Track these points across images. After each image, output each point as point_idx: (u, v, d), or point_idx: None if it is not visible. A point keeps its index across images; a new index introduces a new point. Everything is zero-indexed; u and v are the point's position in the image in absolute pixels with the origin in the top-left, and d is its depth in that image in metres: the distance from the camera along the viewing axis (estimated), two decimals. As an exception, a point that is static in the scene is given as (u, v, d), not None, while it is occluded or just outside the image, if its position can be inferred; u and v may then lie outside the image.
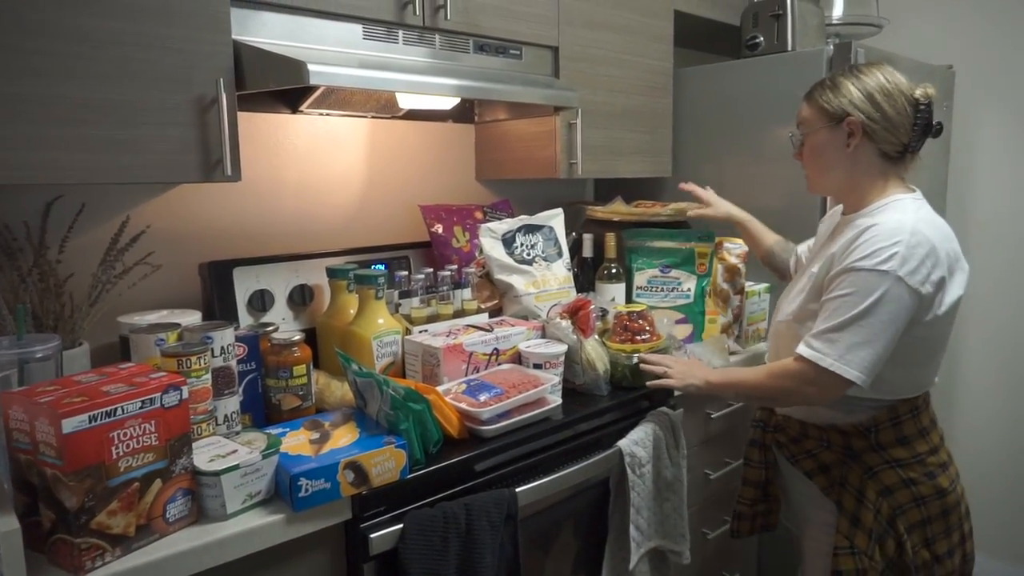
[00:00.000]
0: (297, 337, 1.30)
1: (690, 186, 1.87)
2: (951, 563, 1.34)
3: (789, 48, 2.14)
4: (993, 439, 2.51)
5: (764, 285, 2.04)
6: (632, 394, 1.57)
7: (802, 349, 1.28)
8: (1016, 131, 2.39)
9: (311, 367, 1.32)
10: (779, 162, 2.01)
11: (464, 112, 2.01)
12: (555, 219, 1.84)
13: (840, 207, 1.47)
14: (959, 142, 2.50)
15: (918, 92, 1.30)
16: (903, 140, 1.32)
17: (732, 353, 1.88)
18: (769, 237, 1.79)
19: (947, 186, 2.51)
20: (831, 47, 1.94)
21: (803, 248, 1.68)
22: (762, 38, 2.20)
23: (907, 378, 1.32)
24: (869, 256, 1.23)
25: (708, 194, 1.85)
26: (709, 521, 1.86)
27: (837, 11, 2.41)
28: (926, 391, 1.38)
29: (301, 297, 1.62)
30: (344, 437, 1.17)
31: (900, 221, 1.26)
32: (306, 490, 1.04)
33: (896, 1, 2.58)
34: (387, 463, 1.13)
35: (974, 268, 2.44)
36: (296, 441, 1.15)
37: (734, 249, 1.95)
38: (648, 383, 1.52)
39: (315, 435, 1.18)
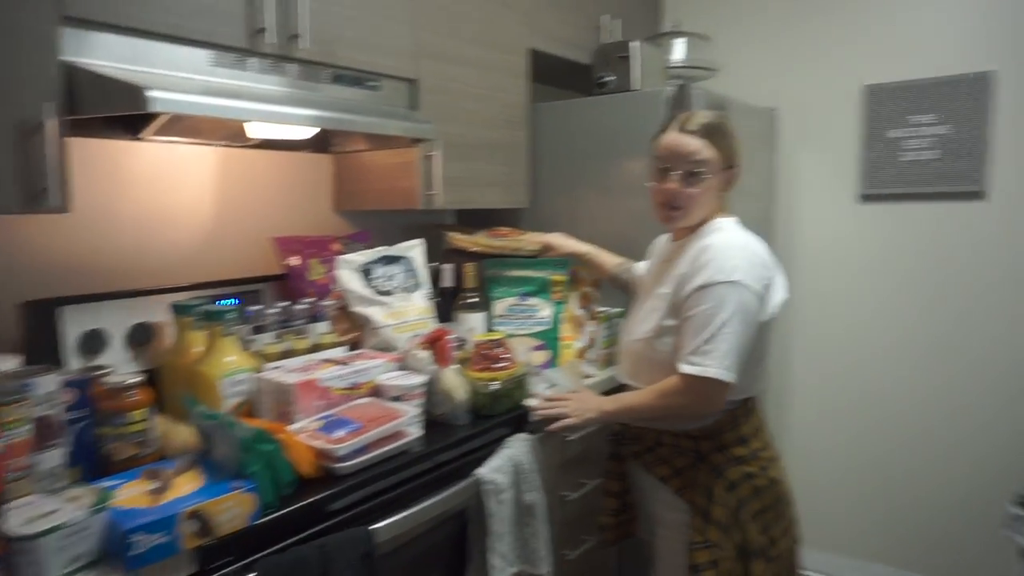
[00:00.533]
0: (134, 379, 1.21)
1: (536, 238, 2.02)
2: (784, 544, 1.49)
3: (635, 87, 2.28)
4: (820, 436, 2.75)
5: (617, 310, 2.14)
6: (491, 422, 1.59)
7: (684, 368, 1.39)
8: (829, 167, 2.67)
9: (151, 411, 1.23)
10: (625, 192, 2.13)
11: (321, 142, 1.97)
12: (414, 250, 1.84)
13: (667, 235, 1.64)
14: (783, 177, 2.76)
15: None
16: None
17: (587, 376, 1.95)
18: (610, 262, 1.94)
19: (775, 216, 2.75)
20: (671, 88, 2.08)
21: (640, 268, 1.83)
22: (611, 77, 2.32)
23: (747, 380, 1.46)
24: (717, 272, 1.38)
25: (552, 238, 2.00)
26: (568, 542, 1.91)
27: (677, 55, 2.59)
28: (755, 394, 1.53)
29: (141, 336, 1.52)
30: (187, 485, 1.10)
31: (730, 238, 1.44)
32: (140, 546, 0.97)
33: (728, 49, 2.81)
34: (235, 509, 1.08)
35: (801, 289, 2.73)
36: (132, 493, 1.07)
37: (588, 277, 2.04)
38: (548, 428, 1.57)
39: (154, 485, 1.10)
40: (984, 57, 2.35)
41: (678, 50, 2.60)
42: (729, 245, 1.42)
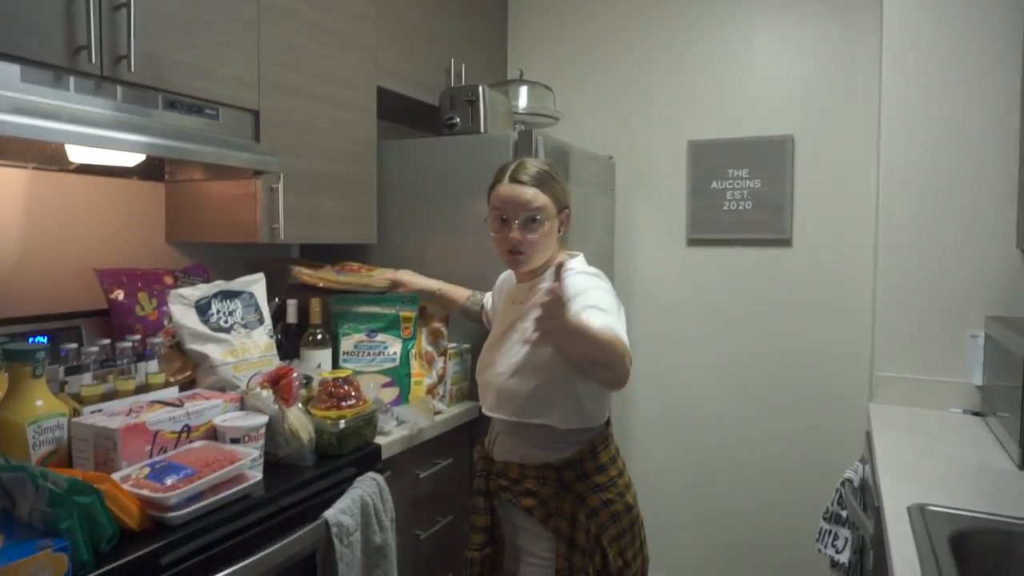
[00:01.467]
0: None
1: (385, 275, 2.03)
2: (636, 565, 1.56)
3: (482, 130, 2.36)
4: (658, 460, 2.92)
5: (466, 346, 2.17)
6: (338, 462, 1.54)
7: (614, 328, 1.35)
8: (662, 213, 2.90)
9: (-62, 465, 1.08)
10: (472, 230, 2.18)
11: (153, 170, 1.86)
12: (255, 284, 1.77)
13: (510, 273, 1.73)
14: (621, 220, 2.95)
15: None
16: None
17: (437, 413, 1.95)
18: (460, 296, 2.00)
19: (613, 256, 2.93)
20: (516, 133, 2.18)
21: (487, 300, 1.92)
22: (458, 119, 2.38)
23: (599, 407, 1.55)
24: (581, 274, 1.50)
25: (402, 275, 2.03)
26: (420, 583, 1.87)
27: (522, 102, 2.72)
28: (610, 425, 1.62)
29: (-73, 379, 1.33)
30: (-17, 546, 0.97)
31: (575, 272, 1.54)
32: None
33: (569, 98, 2.99)
34: (42, 573, 0.96)
35: (637, 325, 2.91)
36: (-89, 560, 0.93)
37: (437, 313, 2.05)
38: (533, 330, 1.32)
39: (-60, 549, 0.96)
40: (785, 122, 2.68)
41: (522, 97, 2.72)
42: (578, 277, 1.52)
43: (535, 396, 1.51)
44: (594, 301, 1.42)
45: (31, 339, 1.53)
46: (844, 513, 1.96)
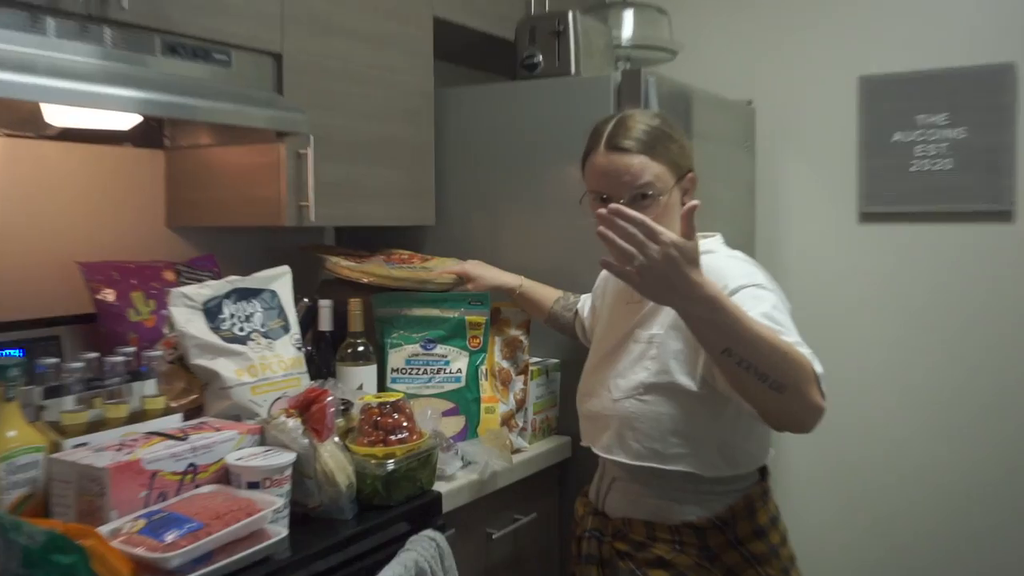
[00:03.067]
0: None
1: (448, 268, 2.04)
2: None
3: (573, 71, 2.33)
4: (821, 531, 2.82)
5: (554, 361, 2.15)
6: (386, 515, 1.55)
7: (802, 350, 1.29)
8: (820, 177, 2.79)
9: None
10: (562, 206, 2.15)
11: (149, 133, 1.93)
12: (279, 281, 1.80)
13: None
14: (764, 188, 2.87)
15: None
16: None
17: (516, 451, 1.95)
18: (547, 297, 2.00)
19: (754, 238, 2.85)
20: (619, 74, 2.14)
21: (584, 305, 1.91)
22: (541, 57, 2.37)
23: (760, 446, 1.53)
24: (732, 281, 1.42)
25: (470, 267, 2.03)
26: (495, 678, 1.87)
27: (626, 32, 2.68)
28: (768, 475, 1.59)
29: None
30: (-58, 616, 1.02)
31: (722, 259, 1.53)
32: None
33: (691, 26, 2.93)
34: (14, 649, 1.00)
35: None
36: None
37: (515, 317, 2.04)
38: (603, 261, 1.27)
39: None
40: (1005, 45, 2.54)
41: (627, 25, 2.68)
42: (726, 262, 1.51)
43: (670, 429, 1.48)
44: (767, 310, 1.36)
45: (0, 352, 1.60)
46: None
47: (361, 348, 1.91)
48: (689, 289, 1.19)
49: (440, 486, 1.71)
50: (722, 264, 1.50)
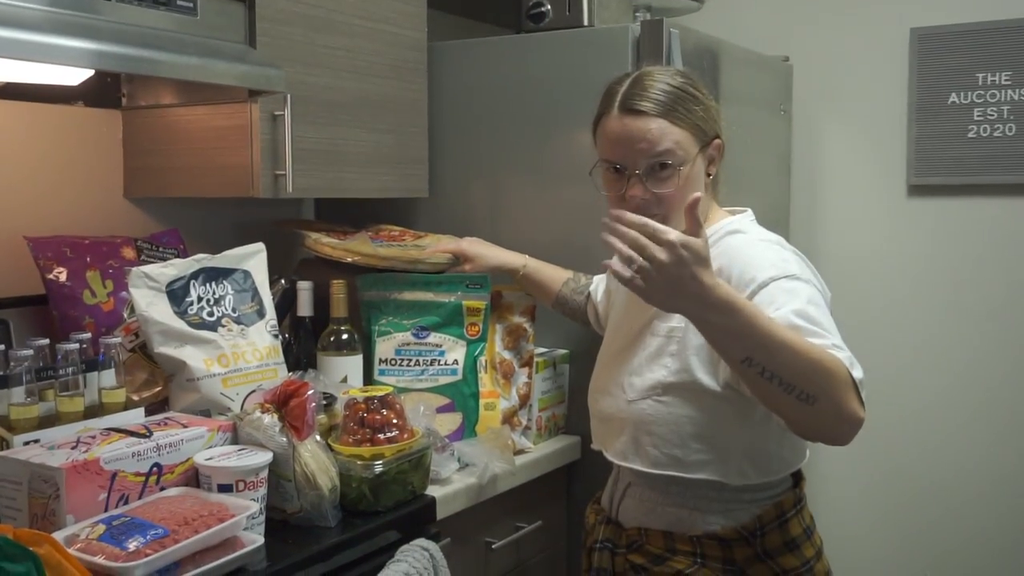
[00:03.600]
0: None
1: (443, 246, 2.03)
2: None
3: (585, 22, 2.33)
4: (862, 545, 2.84)
5: (563, 351, 2.16)
6: (374, 522, 1.57)
7: (840, 355, 1.29)
8: (862, 138, 2.80)
9: None
10: (571, 176, 2.14)
11: (104, 91, 1.93)
12: (252, 260, 1.81)
13: None
14: (800, 156, 2.87)
15: None
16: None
17: (519, 452, 1.96)
18: (555, 279, 1.99)
19: (789, 213, 2.86)
20: (638, 25, 2.14)
21: (597, 287, 1.91)
22: (549, 6, 2.36)
23: (794, 451, 1.54)
24: (759, 271, 1.43)
25: (468, 245, 2.02)
26: None
27: (646, -23, 2.68)
28: (803, 481, 1.60)
29: None
30: None
31: (752, 240, 1.53)
32: None
33: (719, -30, 2.94)
34: (-40, 668, 1.02)
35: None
36: None
37: (518, 301, 2.05)
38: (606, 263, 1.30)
39: None
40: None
41: (647, -30, 2.68)
42: (756, 248, 1.51)
43: (692, 434, 1.48)
44: (801, 306, 1.34)
45: (-59, 338, 1.62)
46: None
47: (345, 336, 1.92)
48: (701, 292, 1.21)
49: (434, 490, 1.72)
50: (752, 252, 1.50)
